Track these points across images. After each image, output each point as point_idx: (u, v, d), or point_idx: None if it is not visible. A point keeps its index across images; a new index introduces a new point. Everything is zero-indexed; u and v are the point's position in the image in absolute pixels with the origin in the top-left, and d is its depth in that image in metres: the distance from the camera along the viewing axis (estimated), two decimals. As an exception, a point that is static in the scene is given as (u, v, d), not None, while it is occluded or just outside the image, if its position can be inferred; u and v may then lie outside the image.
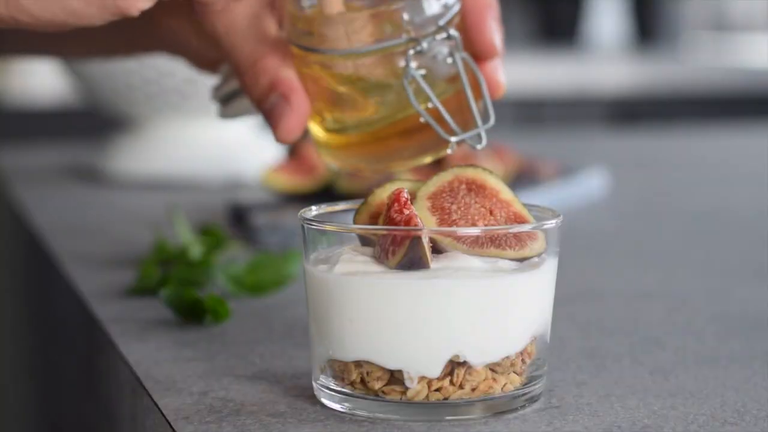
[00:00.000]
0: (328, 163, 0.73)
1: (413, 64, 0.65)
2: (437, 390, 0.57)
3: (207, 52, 0.74)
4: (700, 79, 3.01)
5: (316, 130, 0.70)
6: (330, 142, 0.70)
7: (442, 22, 0.66)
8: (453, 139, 0.65)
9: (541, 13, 3.59)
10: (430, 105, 0.65)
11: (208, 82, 1.25)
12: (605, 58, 3.53)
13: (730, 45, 3.64)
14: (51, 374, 1.03)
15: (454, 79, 0.67)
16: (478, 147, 0.65)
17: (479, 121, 0.66)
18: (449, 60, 0.66)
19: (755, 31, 3.68)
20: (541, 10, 3.58)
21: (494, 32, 0.68)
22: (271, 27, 0.70)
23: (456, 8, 0.67)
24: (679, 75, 3.07)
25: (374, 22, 0.65)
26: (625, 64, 3.49)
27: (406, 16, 0.65)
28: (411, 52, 0.65)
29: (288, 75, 0.69)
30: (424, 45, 0.65)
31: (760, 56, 3.41)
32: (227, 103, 0.76)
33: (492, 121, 0.66)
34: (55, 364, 1.00)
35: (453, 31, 0.66)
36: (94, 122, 1.65)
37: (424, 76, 0.65)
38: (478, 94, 0.67)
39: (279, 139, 0.68)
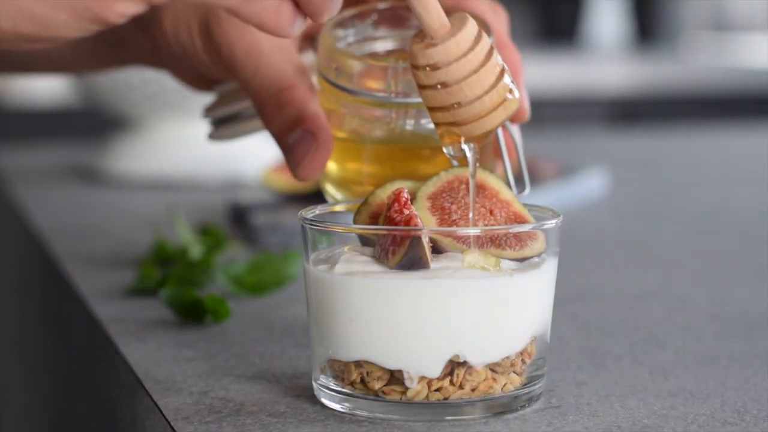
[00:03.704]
0: (330, 195, 0.68)
1: None
2: (437, 390, 0.57)
3: (211, 71, 0.68)
4: (700, 79, 3.01)
5: (329, 164, 0.66)
6: (341, 179, 0.66)
7: None
8: None
9: (541, 13, 3.59)
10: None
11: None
12: (605, 58, 3.53)
13: (730, 45, 3.64)
14: (51, 374, 1.03)
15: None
16: None
17: (515, 189, 0.63)
18: None
19: (755, 31, 3.68)
20: (541, 10, 3.59)
21: (526, 96, 0.65)
22: (295, 54, 0.65)
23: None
24: (679, 75, 3.07)
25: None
26: (625, 64, 3.49)
27: None
28: None
29: (316, 110, 0.64)
30: None
31: (760, 56, 3.41)
32: (220, 125, 0.73)
33: (528, 190, 0.63)
34: (55, 364, 1.00)
35: None
36: (94, 122, 1.65)
37: None
38: (510, 157, 0.64)
39: (300, 177, 0.64)
